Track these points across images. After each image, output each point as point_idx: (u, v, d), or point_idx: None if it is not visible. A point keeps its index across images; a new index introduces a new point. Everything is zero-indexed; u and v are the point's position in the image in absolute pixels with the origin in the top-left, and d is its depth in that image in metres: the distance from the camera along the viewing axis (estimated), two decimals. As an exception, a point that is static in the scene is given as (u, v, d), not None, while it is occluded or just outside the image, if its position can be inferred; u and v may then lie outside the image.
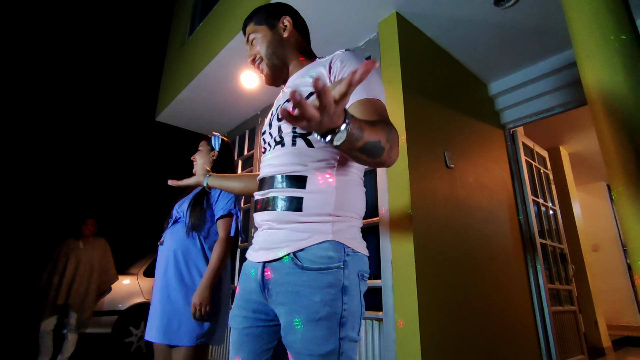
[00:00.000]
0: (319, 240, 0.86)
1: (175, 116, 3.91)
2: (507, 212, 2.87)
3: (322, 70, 0.97)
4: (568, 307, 3.19)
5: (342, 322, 0.83)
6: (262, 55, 1.08)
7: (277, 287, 0.88)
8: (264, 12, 1.12)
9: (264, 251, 0.92)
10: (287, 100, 0.98)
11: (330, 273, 0.84)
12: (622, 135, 1.34)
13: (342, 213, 0.90)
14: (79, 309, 3.53)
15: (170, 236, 1.70)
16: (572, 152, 4.80)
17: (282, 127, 0.98)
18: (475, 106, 2.95)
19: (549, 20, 2.43)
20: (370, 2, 2.30)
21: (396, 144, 0.83)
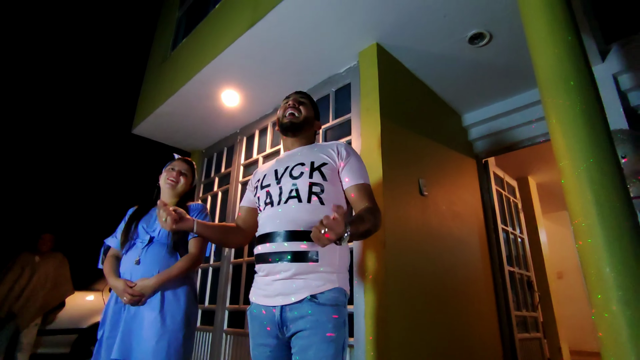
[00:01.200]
0: (330, 287, 1.16)
1: (152, 130, 3.85)
2: (478, 240, 2.95)
3: (331, 151, 1.33)
4: (534, 334, 3.27)
5: (344, 346, 1.14)
6: (301, 111, 1.42)
7: (298, 320, 1.12)
8: (315, 106, 1.53)
9: (283, 297, 1.15)
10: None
11: (338, 309, 1.15)
12: (580, 174, 1.42)
13: (341, 267, 1.23)
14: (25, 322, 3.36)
15: (150, 256, 1.69)
16: (539, 182, 5.02)
17: (299, 184, 1.24)
18: (449, 136, 3.06)
19: (518, 60, 2.58)
20: (352, 32, 2.38)
21: (379, 220, 1.19)
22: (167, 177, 1.86)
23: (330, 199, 1.23)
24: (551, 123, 1.58)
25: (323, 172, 1.25)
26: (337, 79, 2.75)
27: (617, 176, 1.40)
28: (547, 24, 1.71)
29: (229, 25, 2.68)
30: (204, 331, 3.16)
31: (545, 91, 1.63)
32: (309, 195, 1.21)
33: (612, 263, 1.29)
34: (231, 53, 2.63)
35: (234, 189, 3.43)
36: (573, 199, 1.43)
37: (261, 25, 2.37)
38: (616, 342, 1.24)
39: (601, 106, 1.51)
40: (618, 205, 1.34)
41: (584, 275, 1.37)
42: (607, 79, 2.53)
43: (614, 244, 1.30)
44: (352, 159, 1.32)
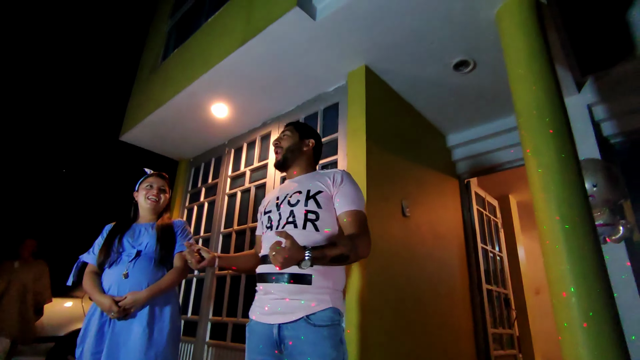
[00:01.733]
0: (324, 307, 1.22)
1: (140, 137, 3.84)
2: (458, 259, 3.03)
3: (327, 179, 1.39)
4: (509, 351, 3.36)
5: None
6: (282, 147, 1.51)
7: (295, 340, 1.19)
8: (302, 127, 1.59)
9: (279, 315, 1.22)
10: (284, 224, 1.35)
11: (334, 328, 1.21)
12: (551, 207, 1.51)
13: (336, 287, 1.29)
14: (17, 331, 3.28)
15: (137, 269, 1.72)
16: (519, 200, 5.16)
17: (295, 211, 1.32)
18: (433, 156, 3.15)
19: (500, 87, 2.68)
20: (342, 53, 2.45)
21: (362, 247, 1.23)
22: (147, 195, 1.90)
23: (325, 225, 1.30)
24: (526, 155, 1.67)
25: (318, 200, 1.32)
26: (326, 97, 2.81)
27: (584, 209, 1.49)
28: (526, 60, 1.81)
29: (221, 41, 2.72)
30: (186, 342, 3.15)
31: (523, 125, 1.72)
32: (304, 221, 1.29)
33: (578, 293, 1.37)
34: (222, 68, 2.67)
35: (221, 200, 3.45)
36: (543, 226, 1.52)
37: (253, 44, 2.41)
38: None
39: (572, 142, 1.61)
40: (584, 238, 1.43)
41: (552, 303, 1.45)
42: (582, 109, 2.66)
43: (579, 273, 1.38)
44: (346, 185, 1.36)
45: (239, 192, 3.30)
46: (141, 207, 1.91)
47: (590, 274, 1.37)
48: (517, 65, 1.80)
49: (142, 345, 1.59)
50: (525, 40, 1.84)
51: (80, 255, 1.89)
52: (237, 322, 2.78)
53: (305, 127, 1.60)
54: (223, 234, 3.30)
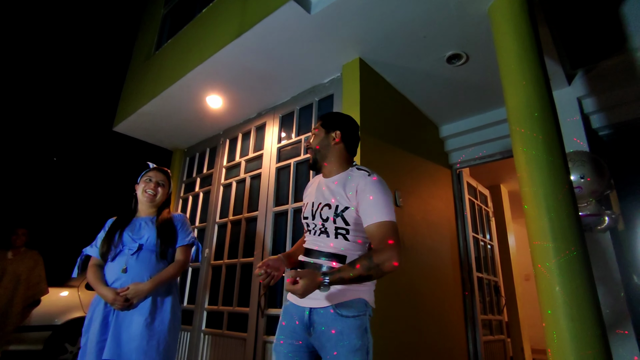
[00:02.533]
0: (352, 298, 1.29)
1: (134, 128, 3.83)
2: (449, 247, 3.11)
3: (353, 190, 1.35)
4: (498, 336, 3.47)
5: (368, 351, 1.26)
6: (312, 147, 1.50)
7: (323, 326, 1.26)
8: (328, 119, 1.53)
9: (311, 300, 1.28)
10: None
11: (360, 319, 1.27)
12: (537, 191, 1.56)
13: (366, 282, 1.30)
14: (0, 323, 3.30)
15: (140, 264, 1.76)
16: (511, 189, 5.25)
17: (326, 225, 1.37)
18: (426, 146, 3.19)
19: (492, 80, 2.72)
20: (337, 45, 2.46)
21: (386, 262, 1.20)
22: (145, 188, 1.92)
23: (354, 235, 1.35)
24: (516, 150, 1.71)
25: (345, 218, 1.33)
26: (321, 88, 2.83)
27: (570, 202, 1.54)
28: (517, 55, 1.84)
29: (216, 32, 2.71)
30: (183, 330, 3.21)
31: (513, 119, 1.76)
32: (335, 234, 1.35)
33: (563, 282, 1.44)
34: (217, 60, 2.66)
35: (216, 190, 3.47)
36: (532, 223, 1.57)
37: (249, 35, 2.41)
38: (562, 349, 1.38)
39: (560, 137, 1.65)
40: (569, 230, 1.49)
41: (537, 291, 1.51)
42: (572, 102, 2.71)
43: (565, 265, 1.44)
44: (369, 195, 1.32)
45: (234, 183, 3.33)
46: (140, 201, 1.94)
47: (574, 263, 1.43)
48: (508, 59, 1.84)
49: (144, 334, 1.64)
50: (516, 34, 1.87)
51: (83, 248, 1.92)
52: (232, 311, 2.84)
53: (331, 118, 1.53)
54: (218, 224, 3.34)
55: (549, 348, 1.43)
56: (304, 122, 2.91)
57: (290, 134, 2.98)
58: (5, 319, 3.34)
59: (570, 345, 1.36)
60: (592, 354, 1.33)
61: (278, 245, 2.72)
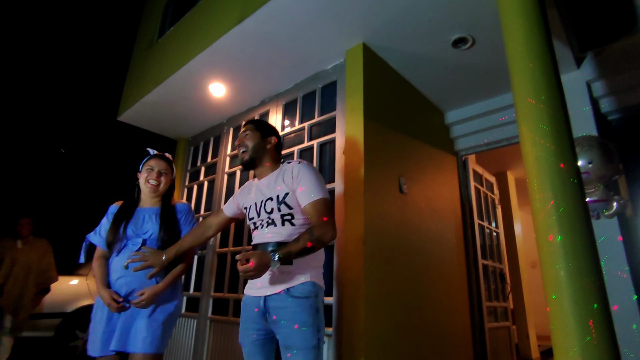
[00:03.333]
0: (303, 281, 1.45)
1: (138, 117, 3.83)
2: (454, 235, 3.09)
3: (289, 178, 1.53)
4: (503, 323, 3.47)
5: (318, 329, 1.42)
6: (247, 146, 1.64)
7: (278, 310, 1.42)
8: (262, 125, 1.72)
9: (265, 288, 1.46)
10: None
11: (310, 300, 1.43)
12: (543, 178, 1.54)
13: (313, 264, 1.51)
14: (13, 311, 3.37)
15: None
16: (517, 177, 5.20)
17: (272, 216, 1.53)
18: (431, 133, 3.15)
19: (499, 64, 2.67)
20: (340, 30, 2.42)
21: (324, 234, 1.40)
22: (147, 178, 1.85)
23: (300, 218, 1.51)
24: (522, 134, 1.68)
25: (287, 203, 1.50)
26: (324, 75, 2.79)
27: (576, 186, 1.52)
28: (523, 36, 1.79)
29: (218, 18, 2.68)
30: (190, 317, 3.25)
31: (519, 103, 1.72)
32: (282, 222, 1.51)
33: (567, 266, 1.42)
34: (219, 46, 2.64)
35: (220, 179, 3.48)
36: (538, 209, 1.55)
37: (250, 21, 2.38)
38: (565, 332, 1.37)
39: (568, 122, 1.62)
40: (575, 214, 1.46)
41: (542, 276, 1.50)
42: (580, 86, 2.65)
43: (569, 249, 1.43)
44: (302, 178, 1.50)
45: (238, 171, 3.33)
46: (142, 191, 1.88)
47: (580, 247, 1.41)
48: (515, 42, 1.79)
49: (148, 324, 1.66)
50: (523, 15, 1.81)
51: (86, 234, 1.89)
52: (238, 298, 2.86)
53: (265, 124, 1.72)
54: (223, 213, 3.35)
55: (552, 332, 1.42)
56: (307, 109, 2.89)
57: (293, 121, 2.96)
58: (19, 306, 3.41)
59: (574, 329, 1.35)
60: (596, 338, 1.33)
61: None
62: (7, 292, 3.35)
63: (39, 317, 3.88)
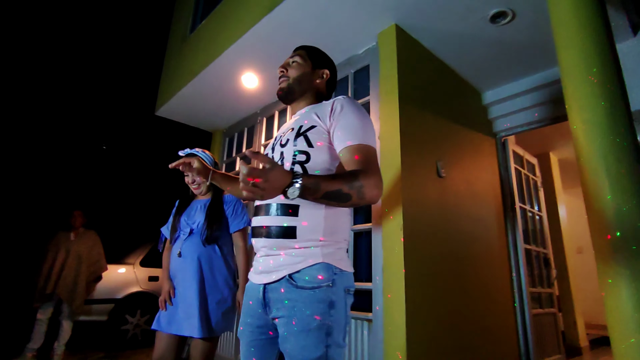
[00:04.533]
0: (311, 263, 1.01)
1: (175, 111, 3.96)
2: (495, 219, 2.99)
3: (326, 110, 1.14)
4: (548, 310, 3.35)
5: (329, 332, 0.98)
6: (289, 76, 1.27)
7: (277, 303, 1.03)
8: (317, 53, 1.35)
9: (265, 274, 1.07)
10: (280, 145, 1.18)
11: (321, 291, 1.00)
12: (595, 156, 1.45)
13: (330, 238, 1.05)
14: (68, 298, 3.62)
15: (191, 247, 1.86)
16: (561, 158, 4.94)
17: (285, 152, 1.12)
18: (468, 115, 3.04)
19: (542, 38, 2.51)
20: (371, 13, 2.36)
21: (369, 187, 0.97)
22: (188, 184, 1.97)
23: (317, 167, 1.07)
24: (570, 110, 1.59)
25: (308, 138, 1.09)
26: (356, 60, 2.75)
27: (633, 164, 1.42)
28: (572, 4, 1.67)
29: (248, 9, 2.69)
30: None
31: (567, 78, 1.62)
32: (292, 164, 1.08)
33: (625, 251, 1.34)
34: (251, 37, 2.66)
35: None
36: (589, 187, 1.47)
37: (280, 9, 2.37)
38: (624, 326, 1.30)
39: (624, 94, 1.51)
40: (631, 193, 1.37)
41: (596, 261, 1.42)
42: (636, 55, 2.45)
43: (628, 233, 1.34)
44: (347, 114, 1.10)
45: (272, 161, 3.36)
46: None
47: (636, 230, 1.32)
48: (562, 11, 1.67)
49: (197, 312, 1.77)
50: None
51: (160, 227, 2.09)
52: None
53: (320, 53, 1.35)
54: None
55: (608, 320, 1.35)
56: (340, 95, 2.85)
57: (326, 108, 2.94)
58: (74, 293, 3.67)
59: (632, 317, 1.28)
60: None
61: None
62: (62, 280, 3.62)
63: (94, 303, 4.16)
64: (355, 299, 1.11)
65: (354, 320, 2.25)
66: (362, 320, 2.21)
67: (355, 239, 2.44)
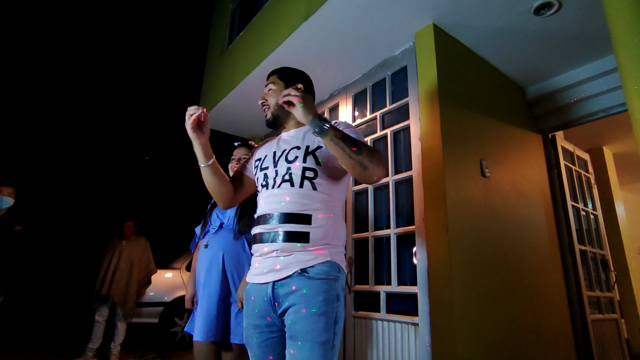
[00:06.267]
0: (322, 261, 1.16)
1: (215, 121, 4.10)
2: (545, 218, 2.85)
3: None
4: (609, 315, 3.13)
5: (336, 320, 1.12)
6: (269, 104, 1.37)
7: (287, 295, 1.13)
8: (286, 72, 1.43)
9: (273, 273, 1.16)
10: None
11: (329, 282, 1.14)
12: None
13: (334, 242, 1.21)
14: (121, 300, 3.85)
15: (218, 241, 1.84)
16: (616, 152, 4.61)
17: (292, 168, 1.23)
18: (512, 112, 2.93)
19: (590, 26, 2.38)
20: (407, 13, 2.34)
21: (375, 157, 1.13)
22: (231, 166, 1.99)
23: (323, 183, 1.22)
24: (631, 97, 1.49)
25: (317, 156, 1.22)
26: (393, 61, 2.73)
27: None
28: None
29: (284, 18, 2.75)
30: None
31: (624, 63, 1.52)
32: (301, 179, 1.20)
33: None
34: (288, 46, 2.71)
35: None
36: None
37: (317, 17, 2.41)
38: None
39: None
40: None
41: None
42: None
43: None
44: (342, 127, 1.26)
45: (311, 166, 3.40)
46: None
47: None
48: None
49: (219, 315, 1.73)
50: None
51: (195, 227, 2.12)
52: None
53: (289, 70, 1.43)
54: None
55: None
56: (377, 98, 2.85)
57: (364, 112, 2.94)
58: (127, 296, 3.90)
59: None
60: None
61: (359, 223, 2.73)
62: (115, 283, 3.86)
63: (146, 306, 4.38)
64: (400, 303, 1.22)
65: (400, 324, 2.21)
66: (409, 325, 2.17)
67: (397, 241, 2.41)
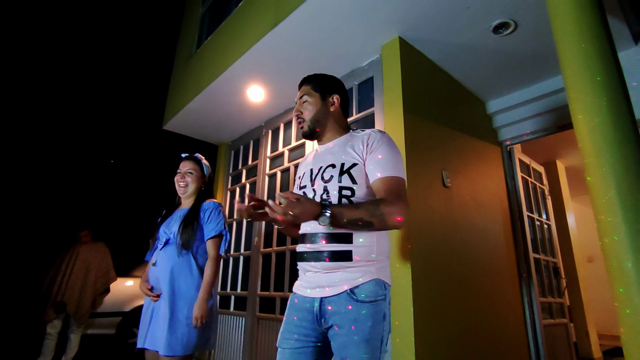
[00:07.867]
0: (369, 279, 1.16)
1: (182, 125, 4.01)
2: (502, 228, 2.97)
3: (361, 146, 1.26)
4: (559, 320, 3.29)
5: (383, 340, 1.14)
6: (305, 118, 1.35)
7: (336, 315, 1.14)
8: (321, 82, 1.39)
9: (321, 289, 1.18)
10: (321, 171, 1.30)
11: (378, 304, 1.14)
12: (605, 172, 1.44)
13: (380, 257, 1.21)
14: (74, 307, 3.61)
15: (164, 257, 1.80)
16: (568, 165, 4.91)
17: (329, 187, 1.23)
18: (473, 124, 3.05)
19: (544, 47, 2.53)
20: (374, 26, 2.40)
21: (391, 215, 1.10)
22: (177, 181, 1.93)
23: (362, 199, 1.21)
24: (576, 119, 1.59)
25: (352, 175, 1.22)
26: (360, 72, 2.78)
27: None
28: (573, 14, 1.69)
29: (253, 24, 2.75)
30: (238, 316, 3.36)
31: (571, 86, 1.63)
32: (339, 199, 1.20)
33: (634, 258, 1.33)
34: (256, 52, 2.70)
35: (261, 180, 3.56)
36: (597, 196, 1.46)
37: (285, 25, 2.42)
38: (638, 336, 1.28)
39: (628, 102, 1.51)
40: None
41: (607, 269, 1.41)
42: (638, 63, 2.46)
43: (637, 241, 1.33)
44: (379, 149, 1.23)
45: (278, 172, 3.39)
46: (178, 192, 1.96)
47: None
48: (564, 21, 1.69)
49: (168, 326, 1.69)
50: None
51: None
52: (284, 296, 2.92)
53: (324, 80, 1.41)
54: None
55: (621, 328, 1.33)
56: (344, 107, 2.88)
57: (331, 120, 2.97)
58: (80, 303, 3.67)
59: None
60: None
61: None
62: (69, 289, 3.62)
63: (102, 316, 4.16)
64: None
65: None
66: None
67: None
